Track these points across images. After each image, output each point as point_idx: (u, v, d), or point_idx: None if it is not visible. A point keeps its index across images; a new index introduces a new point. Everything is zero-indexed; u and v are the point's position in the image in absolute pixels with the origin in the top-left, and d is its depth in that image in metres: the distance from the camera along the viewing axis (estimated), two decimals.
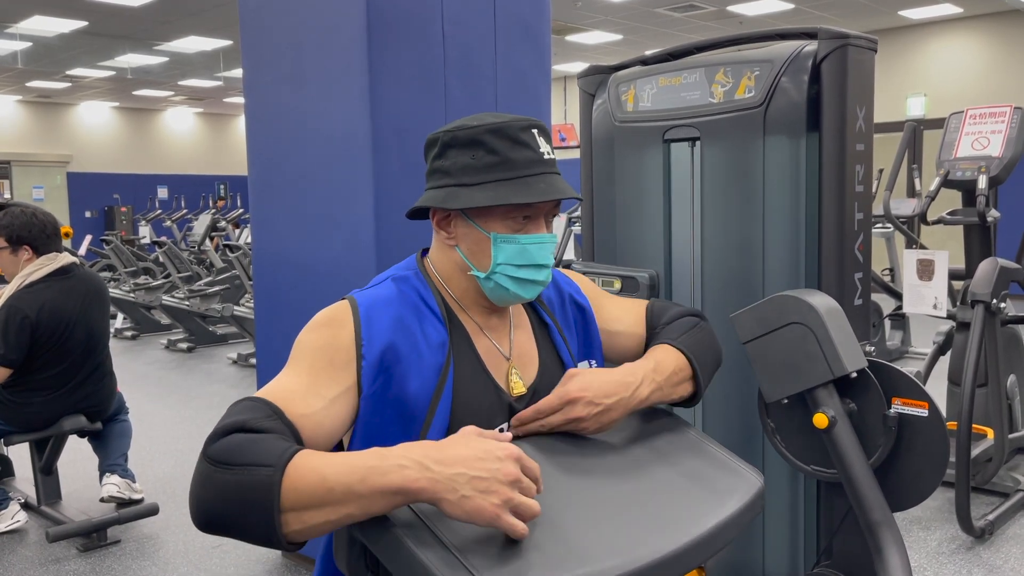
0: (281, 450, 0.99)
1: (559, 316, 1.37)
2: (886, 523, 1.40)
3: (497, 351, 1.28)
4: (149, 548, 3.31)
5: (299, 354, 1.20)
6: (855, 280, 1.62)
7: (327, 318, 1.22)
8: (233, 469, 0.98)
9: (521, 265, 1.22)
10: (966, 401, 3.21)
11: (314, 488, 0.96)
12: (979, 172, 3.79)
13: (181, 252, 8.95)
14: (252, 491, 0.97)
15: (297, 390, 1.14)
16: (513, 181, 1.20)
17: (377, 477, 0.96)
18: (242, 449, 1.00)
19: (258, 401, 1.10)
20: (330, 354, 1.18)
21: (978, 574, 2.98)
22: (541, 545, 1.01)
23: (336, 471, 0.97)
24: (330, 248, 2.82)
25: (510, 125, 1.22)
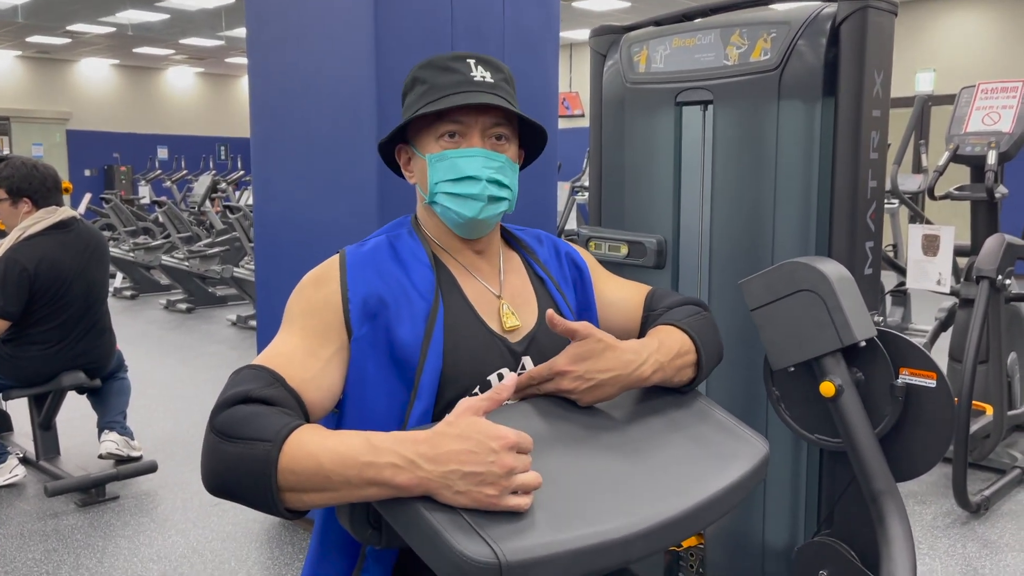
0: (281, 425, 1.00)
1: (555, 272, 1.37)
2: (889, 493, 1.39)
3: (487, 290, 1.28)
4: (147, 504, 3.32)
5: (291, 317, 1.21)
6: (866, 249, 1.60)
7: (315, 277, 1.23)
8: (235, 442, 1.00)
9: (453, 180, 1.22)
10: (967, 377, 3.20)
11: (311, 473, 0.98)
12: (989, 147, 3.75)
13: (181, 213, 8.90)
14: (252, 464, 0.98)
15: (294, 354, 1.14)
16: (433, 102, 1.21)
17: (372, 473, 0.96)
18: (244, 422, 1.01)
19: (259, 369, 1.10)
20: (320, 313, 1.19)
21: (972, 548, 2.99)
22: (547, 506, 1.00)
23: (332, 459, 0.97)
24: (333, 210, 2.79)
25: (442, 56, 1.25)
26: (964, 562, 2.89)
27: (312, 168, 2.85)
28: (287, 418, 1.02)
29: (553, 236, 1.42)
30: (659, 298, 1.39)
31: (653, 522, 1.04)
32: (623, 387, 1.20)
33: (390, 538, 1.06)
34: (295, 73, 2.88)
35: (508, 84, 1.27)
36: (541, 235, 1.41)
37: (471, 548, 0.92)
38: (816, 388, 1.44)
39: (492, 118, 1.24)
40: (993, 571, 2.82)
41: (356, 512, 1.05)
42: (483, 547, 0.93)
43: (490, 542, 0.93)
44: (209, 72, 18.47)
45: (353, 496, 0.99)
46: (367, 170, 2.64)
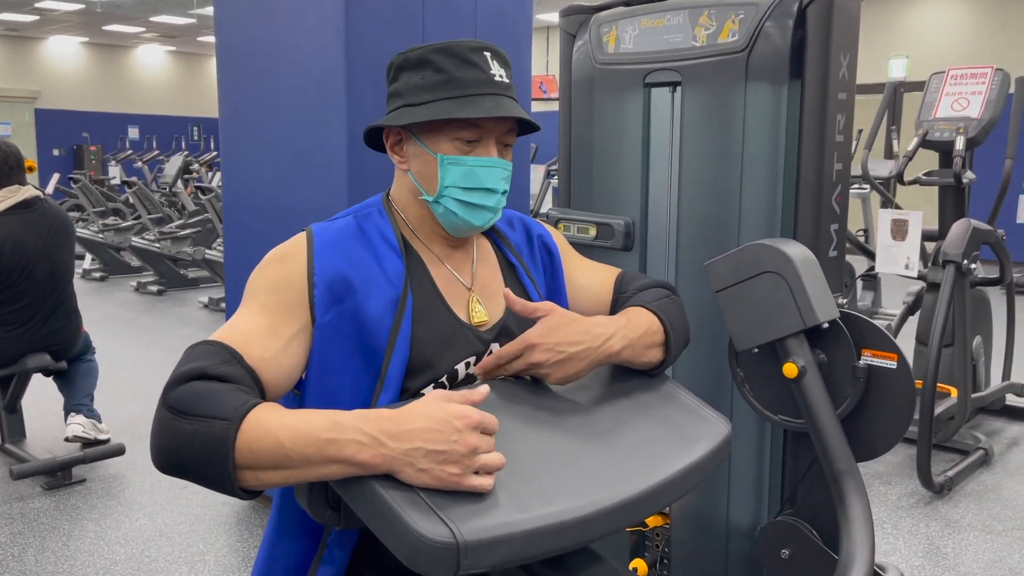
0: (239, 403, 0.97)
1: (527, 257, 1.35)
2: (850, 472, 1.41)
3: (457, 281, 1.26)
4: (115, 487, 3.29)
5: (252, 293, 1.17)
6: (831, 232, 1.61)
7: (280, 254, 1.19)
8: (190, 419, 0.97)
9: (468, 188, 1.19)
10: (932, 360, 3.24)
11: (270, 451, 0.96)
12: (957, 133, 3.78)
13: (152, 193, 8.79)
14: (208, 442, 0.96)
15: (255, 332, 1.11)
16: (458, 99, 1.17)
17: (333, 450, 0.95)
18: (200, 398, 0.98)
19: (216, 345, 1.07)
20: (283, 291, 1.15)
21: (935, 527, 3.05)
22: (507, 486, 1.00)
23: (291, 437, 0.96)
24: (302, 188, 2.77)
25: (459, 44, 1.20)
26: (927, 541, 2.94)
27: (281, 146, 2.82)
28: (245, 396, 1.00)
29: (526, 218, 1.41)
30: (628, 281, 1.39)
31: (613, 501, 1.04)
32: (593, 362, 1.19)
33: (349, 519, 1.05)
34: (264, 50, 2.84)
35: (512, 80, 1.26)
36: (513, 218, 1.39)
37: (428, 528, 0.92)
38: (779, 369, 1.45)
39: (508, 124, 1.22)
40: (955, 550, 2.87)
41: (315, 493, 1.04)
42: (440, 527, 0.93)
43: (448, 522, 0.93)
44: (181, 51, 18.20)
45: (313, 474, 0.97)
46: (336, 148, 2.61)
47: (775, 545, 1.56)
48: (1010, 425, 4.19)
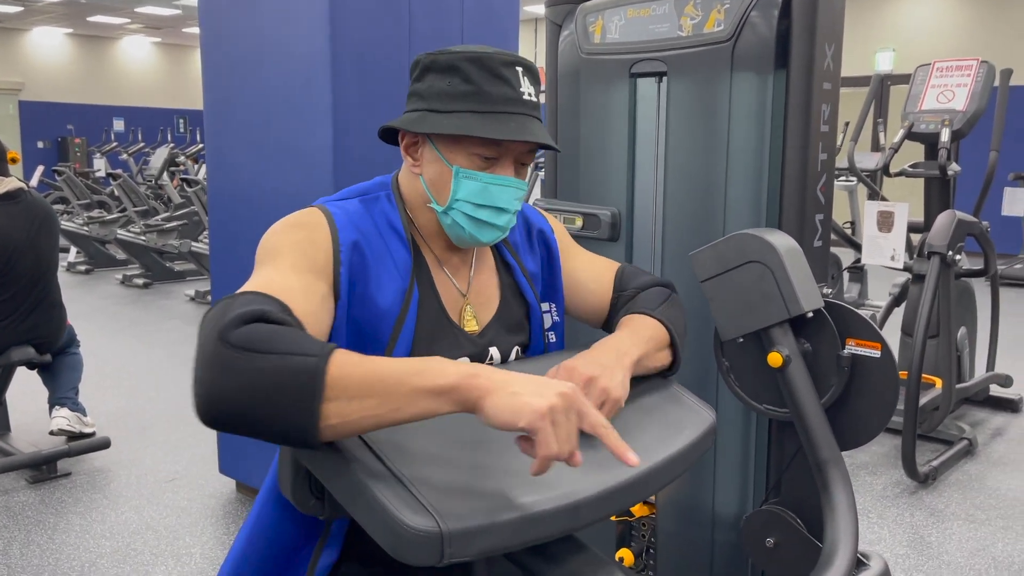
0: (322, 343, 0.92)
1: (525, 253, 1.32)
2: (834, 461, 1.41)
3: (454, 287, 1.24)
4: (100, 481, 3.27)
5: (275, 252, 1.10)
6: (816, 222, 1.61)
7: (298, 220, 1.14)
8: (267, 356, 0.88)
9: (480, 205, 1.16)
10: (917, 351, 3.26)
11: (363, 376, 0.89)
12: (943, 125, 3.80)
13: (137, 186, 8.73)
14: (293, 377, 0.87)
15: (293, 288, 1.04)
16: (484, 115, 1.13)
17: (434, 374, 0.90)
18: (273, 337, 0.90)
19: (263, 296, 0.99)
20: (311, 255, 1.10)
21: (920, 517, 3.07)
22: (492, 476, 1.00)
23: (387, 364, 0.91)
24: (287, 179, 2.75)
25: (492, 57, 1.15)
26: (911, 530, 2.96)
27: (266, 137, 2.80)
28: (319, 340, 0.94)
29: (528, 210, 1.37)
30: (628, 278, 1.36)
31: (597, 490, 1.04)
32: (627, 369, 1.16)
33: (333, 508, 1.05)
34: (248, 41, 2.82)
35: (539, 95, 1.22)
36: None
37: (412, 517, 0.92)
38: (764, 359, 1.46)
39: (528, 145, 1.18)
40: (939, 539, 2.89)
41: (299, 482, 1.04)
42: (424, 516, 0.92)
43: (431, 511, 0.93)
44: (166, 42, 18.06)
45: (401, 410, 0.91)
46: (322, 138, 2.60)
47: (760, 534, 1.56)
48: (994, 415, 4.22)
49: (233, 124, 2.92)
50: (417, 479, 0.97)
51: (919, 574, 2.65)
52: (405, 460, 0.99)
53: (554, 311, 1.33)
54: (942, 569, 2.68)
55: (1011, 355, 5.26)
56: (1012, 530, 2.96)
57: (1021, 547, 2.83)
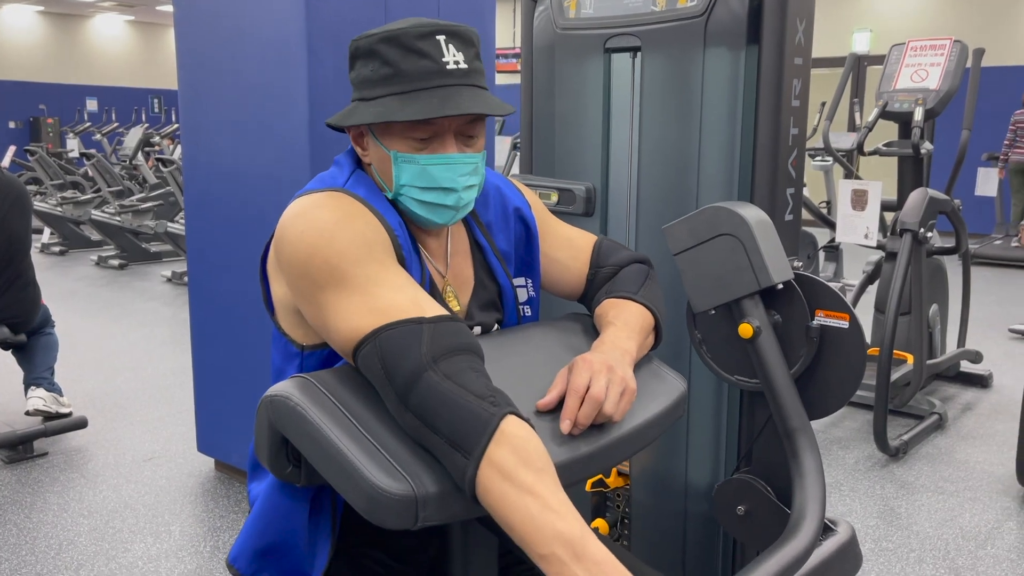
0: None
1: (499, 232, 1.30)
2: (803, 430, 1.44)
3: (435, 270, 1.23)
4: (77, 460, 3.26)
5: (355, 262, 1.05)
6: (787, 196, 1.63)
7: (340, 215, 1.07)
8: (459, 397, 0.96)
9: (425, 188, 1.12)
10: (888, 327, 3.32)
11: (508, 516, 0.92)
12: (916, 104, 3.84)
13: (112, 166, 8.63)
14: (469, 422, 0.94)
15: (418, 292, 1.05)
16: (405, 95, 1.08)
17: (567, 552, 0.89)
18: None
19: (418, 322, 1.01)
20: (379, 248, 1.07)
21: (890, 489, 3.13)
22: None
23: (528, 520, 0.91)
24: (263, 158, 2.74)
25: (406, 32, 1.09)
26: (882, 502, 3.02)
27: (242, 117, 2.78)
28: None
29: (505, 188, 1.33)
30: (606, 253, 1.36)
31: (570, 456, 1.06)
32: (628, 363, 1.16)
33: (310, 475, 1.06)
34: (223, 19, 2.79)
35: (479, 60, 1.15)
36: (490, 191, 1.30)
37: (387, 481, 0.93)
38: (735, 330, 1.48)
39: (466, 116, 1.12)
40: (908, 510, 2.95)
41: (275, 449, 1.05)
42: (399, 480, 0.94)
43: (406, 475, 0.94)
44: (140, 20, 17.79)
45: (524, 540, 0.91)
46: (298, 118, 2.59)
47: (731, 502, 1.59)
48: (964, 391, 4.30)
49: (209, 104, 2.90)
50: (391, 444, 0.98)
51: (888, 544, 2.71)
52: (380, 426, 1.00)
53: (530, 286, 1.33)
54: (911, 539, 2.74)
55: (981, 332, 5.35)
56: (979, 501, 3.02)
57: (987, 517, 2.90)
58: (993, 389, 4.31)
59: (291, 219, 1.09)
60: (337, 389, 1.02)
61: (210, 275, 2.99)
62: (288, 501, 1.15)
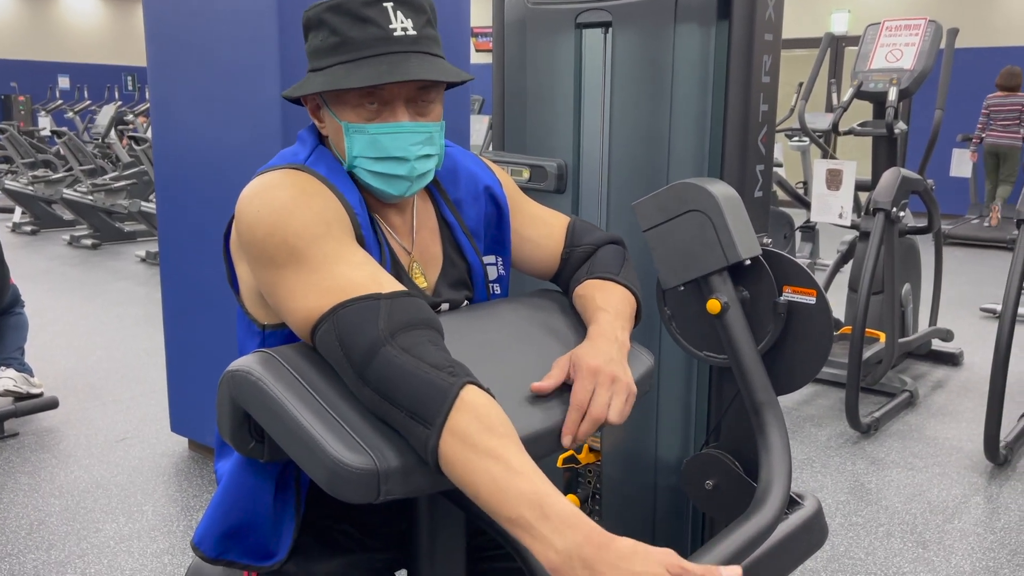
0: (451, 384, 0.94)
1: (468, 209, 1.28)
2: (770, 404, 1.45)
3: (399, 246, 1.21)
4: (49, 441, 3.23)
5: (312, 239, 1.03)
6: (756, 172, 1.64)
7: (297, 191, 1.06)
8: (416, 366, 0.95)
9: (376, 158, 1.11)
10: (861, 306, 3.35)
11: (466, 474, 0.91)
12: (890, 84, 3.86)
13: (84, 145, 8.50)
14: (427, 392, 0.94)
15: (377, 268, 1.05)
16: (352, 63, 1.07)
17: (521, 528, 0.87)
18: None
19: (404, 297, 1.01)
20: (337, 224, 1.07)
21: (861, 465, 3.17)
22: None
23: (494, 482, 0.89)
24: (235, 136, 2.71)
25: (352, 0, 1.08)
26: (853, 478, 3.06)
27: (212, 93, 2.74)
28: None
29: (475, 167, 1.30)
30: (580, 233, 1.34)
31: (535, 430, 1.07)
32: (624, 355, 1.16)
33: (272, 450, 1.05)
34: None
35: (431, 27, 1.13)
36: (459, 169, 1.28)
37: (348, 455, 0.93)
38: (704, 306, 1.49)
39: (416, 84, 1.10)
40: (878, 486, 3.00)
41: (237, 425, 1.04)
42: (361, 454, 0.94)
43: (368, 448, 0.94)
44: None
45: (490, 506, 0.90)
46: (269, 93, 2.56)
47: (699, 477, 1.61)
48: (935, 369, 4.36)
49: (178, 80, 2.85)
50: (353, 418, 0.98)
51: (858, 519, 2.75)
52: (342, 400, 1.00)
53: (500, 264, 1.32)
54: (880, 514, 2.78)
55: (953, 311, 5.42)
56: (947, 476, 3.07)
57: (955, 492, 2.95)
58: (963, 367, 4.37)
59: (249, 198, 1.08)
60: (299, 363, 1.02)
61: (182, 254, 2.96)
62: (253, 479, 1.15)
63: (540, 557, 0.86)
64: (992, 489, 2.97)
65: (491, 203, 1.30)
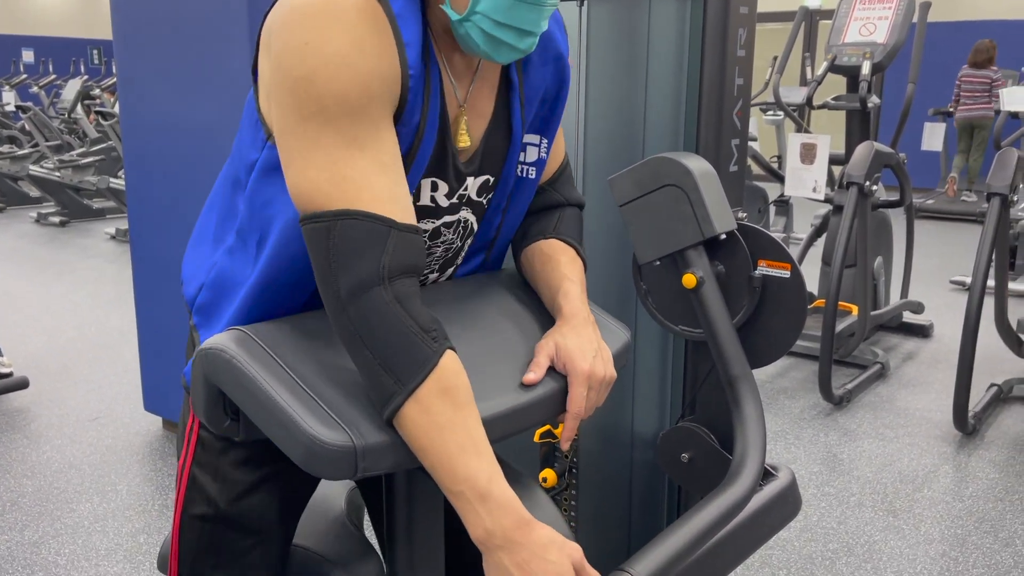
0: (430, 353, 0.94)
1: (535, 72, 1.14)
2: (745, 378, 1.46)
3: (454, 95, 1.07)
4: (20, 421, 3.19)
5: (348, 112, 0.92)
6: (731, 146, 1.64)
7: (359, 37, 0.91)
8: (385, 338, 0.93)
9: (502, 24, 0.96)
10: (834, 279, 3.38)
11: (422, 437, 0.93)
12: (864, 58, 3.87)
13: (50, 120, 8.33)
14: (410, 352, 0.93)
15: (399, 189, 0.95)
16: None
17: (461, 500, 0.93)
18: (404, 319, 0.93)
19: (387, 225, 0.92)
20: (387, 94, 0.94)
21: (833, 436, 3.22)
22: None
23: (442, 454, 0.93)
24: (203, 109, 2.66)
25: None
26: (825, 449, 3.10)
27: (180, 66, 2.69)
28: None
29: (554, 25, 1.16)
30: (565, 180, 1.29)
31: (511, 405, 1.06)
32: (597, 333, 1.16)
33: (248, 428, 1.05)
34: None
35: None
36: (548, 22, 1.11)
37: (325, 433, 0.92)
38: (680, 281, 1.49)
39: None
40: (850, 456, 3.04)
41: (211, 402, 1.03)
42: (338, 431, 0.93)
43: (344, 426, 0.94)
44: None
45: (437, 474, 0.94)
46: (239, 64, 2.51)
47: (675, 450, 1.62)
48: (906, 340, 4.42)
49: (146, 53, 2.80)
50: (330, 395, 0.97)
51: (830, 489, 2.79)
52: (318, 377, 0.99)
53: (542, 147, 1.20)
54: (851, 484, 2.83)
55: (924, 283, 5.49)
56: (917, 446, 3.13)
57: (925, 461, 3.00)
58: (933, 339, 4.44)
59: (303, 14, 0.92)
60: (273, 341, 1.01)
61: (152, 231, 2.92)
62: None
63: (469, 528, 0.94)
64: (961, 458, 3.03)
65: (556, 75, 1.17)
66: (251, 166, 1.06)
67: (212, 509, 1.14)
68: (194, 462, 1.16)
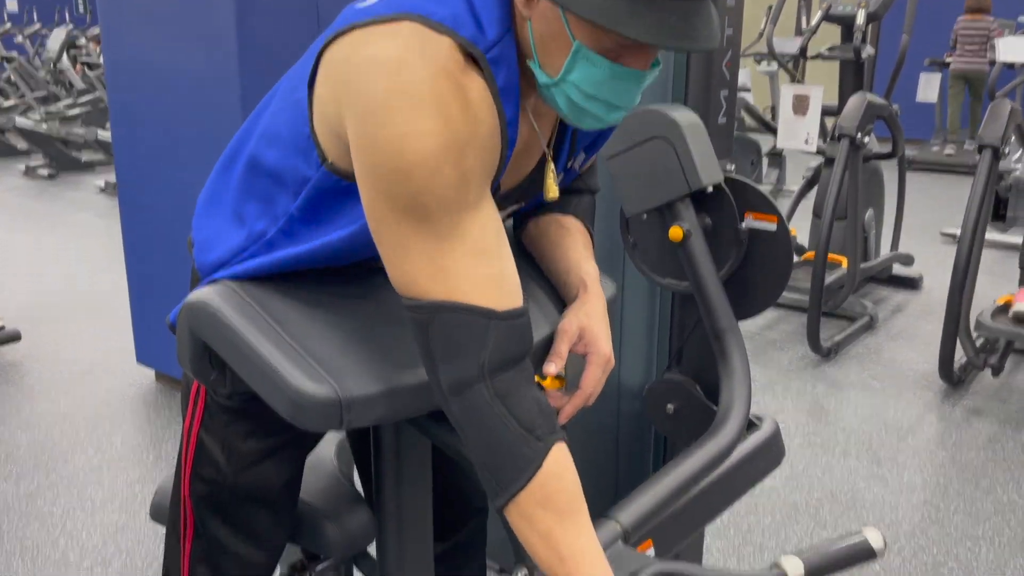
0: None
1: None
2: (731, 330, 1.47)
3: (537, 139, 1.04)
4: (13, 375, 3.21)
5: (446, 209, 0.86)
6: (720, 98, 1.62)
7: (466, 125, 0.85)
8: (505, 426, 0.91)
9: (592, 96, 0.91)
10: (824, 231, 3.38)
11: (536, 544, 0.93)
12: (859, 7, 3.83)
13: (35, 71, 8.20)
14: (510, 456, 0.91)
15: (501, 274, 0.92)
16: (639, 3, 0.82)
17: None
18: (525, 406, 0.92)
19: (487, 317, 0.89)
20: (486, 173, 0.90)
21: (821, 388, 3.26)
22: (391, 344, 1.01)
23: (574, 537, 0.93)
24: (188, 59, 2.62)
25: None
26: (812, 400, 3.14)
27: (163, 12, 2.64)
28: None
29: None
30: (590, 173, 1.30)
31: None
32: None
33: (234, 382, 1.05)
34: None
35: None
36: None
37: (310, 385, 0.93)
38: (667, 234, 1.49)
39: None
40: (836, 407, 3.08)
41: (197, 355, 1.03)
42: (323, 384, 0.94)
43: (329, 378, 0.94)
44: None
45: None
46: (224, 13, 2.47)
47: (661, 401, 1.64)
48: (895, 293, 4.44)
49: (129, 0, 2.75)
50: (315, 348, 0.98)
51: (817, 439, 2.83)
52: (303, 331, 0.99)
53: (579, 160, 1.18)
54: (837, 434, 2.87)
55: (915, 236, 5.50)
56: (902, 397, 3.17)
57: (910, 412, 3.04)
58: (923, 291, 4.46)
59: (400, 94, 0.84)
60: (258, 294, 1.01)
61: (139, 182, 2.89)
62: None
63: None
64: (945, 408, 3.08)
65: None
66: (302, 180, 0.99)
67: (220, 476, 1.17)
68: (202, 427, 1.18)
